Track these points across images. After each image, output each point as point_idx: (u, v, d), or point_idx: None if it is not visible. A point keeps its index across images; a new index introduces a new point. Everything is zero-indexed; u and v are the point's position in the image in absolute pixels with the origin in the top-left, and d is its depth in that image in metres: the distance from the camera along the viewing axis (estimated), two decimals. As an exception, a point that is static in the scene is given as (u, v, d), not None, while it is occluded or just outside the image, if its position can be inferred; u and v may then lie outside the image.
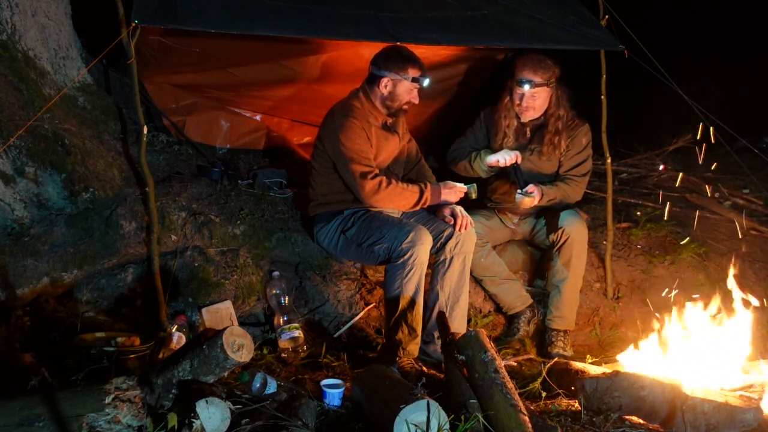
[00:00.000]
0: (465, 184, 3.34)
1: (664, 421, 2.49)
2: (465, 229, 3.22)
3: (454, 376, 2.47)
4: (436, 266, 3.23)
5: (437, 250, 3.21)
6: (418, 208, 3.29)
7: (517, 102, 3.51)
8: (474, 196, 3.36)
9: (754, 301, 2.96)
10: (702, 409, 2.43)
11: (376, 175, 3.16)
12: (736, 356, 2.85)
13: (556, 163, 3.60)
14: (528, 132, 3.60)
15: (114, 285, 3.15)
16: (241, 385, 2.53)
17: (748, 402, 2.47)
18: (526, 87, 3.44)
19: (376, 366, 2.73)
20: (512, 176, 3.49)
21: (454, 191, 3.30)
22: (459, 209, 3.26)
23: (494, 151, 3.56)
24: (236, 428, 2.22)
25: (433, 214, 3.35)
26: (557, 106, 3.53)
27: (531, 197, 3.42)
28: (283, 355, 3.12)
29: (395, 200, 3.22)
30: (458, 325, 3.18)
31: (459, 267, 3.20)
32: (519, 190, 3.43)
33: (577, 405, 2.62)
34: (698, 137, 3.72)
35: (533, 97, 3.48)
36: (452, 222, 3.24)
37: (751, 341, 2.88)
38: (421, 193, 3.24)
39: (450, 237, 3.20)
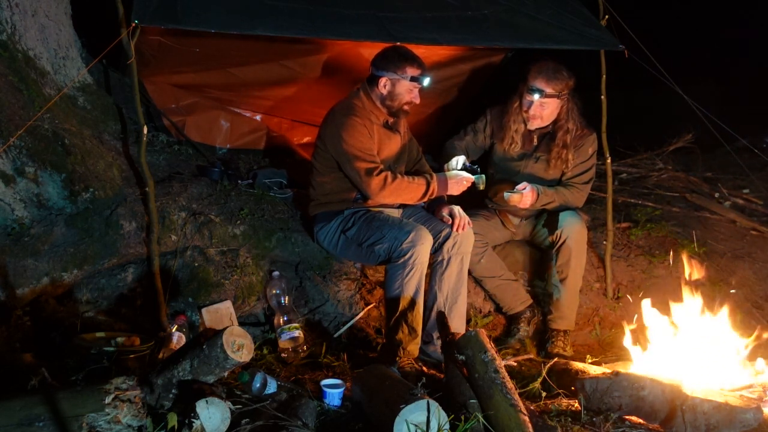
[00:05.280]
0: (473, 175, 3.30)
1: (664, 421, 2.49)
2: (462, 229, 3.21)
3: (454, 376, 2.47)
4: (434, 267, 3.21)
5: (435, 251, 3.19)
6: (426, 199, 3.28)
7: (525, 108, 3.49)
8: (482, 187, 3.32)
9: None
10: (702, 409, 2.43)
11: (381, 171, 3.16)
12: (736, 356, 2.85)
13: (559, 171, 3.59)
14: (535, 139, 3.59)
15: (114, 285, 3.15)
16: (241, 385, 2.53)
17: (748, 402, 2.47)
18: (536, 96, 3.41)
19: (376, 366, 2.73)
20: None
21: (460, 182, 3.29)
22: (457, 209, 3.26)
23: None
24: (236, 428, 2.22)
25: (432, 214, 3.35)
26: (567, 119, 3.50)
27: (518, 194, 3.41)
28: (283, 355, 3.12)
29: (402, 194, 3.22)
30: (457, 326, 3.17)
31: (457, 268, 3.20)
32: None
33: (577, 405, 2.62)
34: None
35: (542, 106, 3.45)
36: (450, 222, 3.23)
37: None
38: (428, 184, 3.23)
39: (447, 237, 3.19)
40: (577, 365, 2.91)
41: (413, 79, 3.19)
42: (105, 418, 1.99)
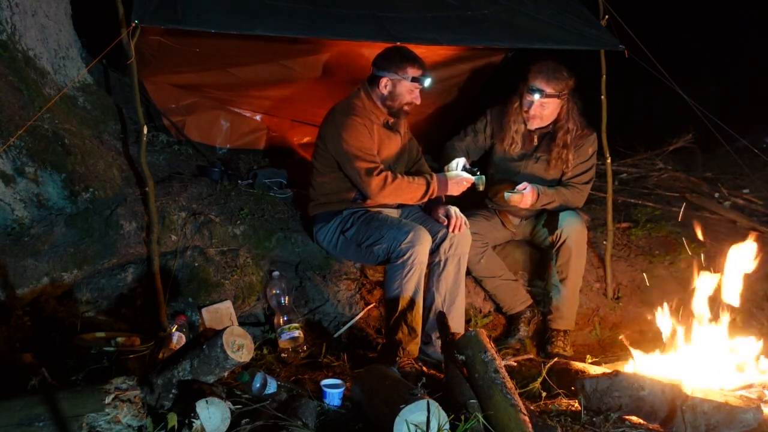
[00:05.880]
0: (473, 175, 3.30)
1: (664, 421, 2.49)
2: (459, 230, 3.20)
3: (454, 376, 2.47)
4: (431, 268, 3.20)
5: (432, 252, 3.16)
6: (425, 200, 3.27)
7: (525, 109, 3.49)
8: (482, 188, 3.32)
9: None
10: (702, 409, 2.43)
11: (381, 171, 3.15)
12: (736, 356, 2.85)
13: (560, 171, 3.59)
14: (535, 139, 3.58)
15: (114, 285, 3.15)
16: (241, 385, 2.53)
17: (748, 402, 2.47)
18: (536, 96, 3.40)
19: (376, 366, 2.73)
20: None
21: (460, 182, 3.29)
22: (453, 210, 3.25)
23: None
24: (236, 428, 2.22)
25: (428, 215, 3.35)
26: (567, 119, 3.49)
27: (519, 194, 3.41)
28: (283, 355, 3.12)
29: (402, 194, 3.21)
30: (456, 326, 3.16)
31: (454, 269, 3.19)
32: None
33: (577, 405, 2.62)
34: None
35: (542, 106, 3.44)
36: (446, 223, 3.23)
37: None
38: (428, 185, 3.22)
39: (444, 238, 3.19)
40: (577, 365, 2.91)
41: (414, 79, 3.19)
42: (105, 418, 1.99)
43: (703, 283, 2.99)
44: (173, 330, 2.94)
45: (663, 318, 3.04)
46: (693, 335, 2.93)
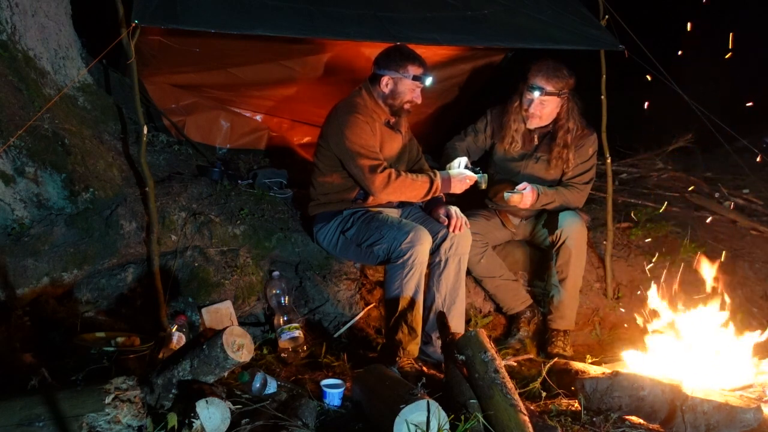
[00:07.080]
0: (475, 173, 3.30)
1: (664, 421, 2.49)
2: (459, 230, 3.20)
3: (454, 376, 2.47)
4: (431, 268, 3.20)
5: (432, 252, 3.17)
6: (429, 197, 3.27)
7: (525, 107, 3.49)
8: (484, 186, 3.31)
9: None
10: (702, 409, 2.43)
11: (385, 168, 3.15)
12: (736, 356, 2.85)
13: (560, 171, 3.59)
14: (535, 139, 3.58)
15: (114, 285, 3.15)
16: (241, 385, 2.53)
17: (748, 402, 2.47)
18: (536, 93, 3.40)
19: (376, 366, 2.73)
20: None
21: (463, 180, 3.28)
22: (454, 209, 3.25)
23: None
24: (236, 428, 2.22)
25: (429, 214, 3.35)
26: (567, 118, 3.49)
27: (519, 194, 3.41)
28: (283, 355, 3.12)
29: (406, 191, 3.21)
30: (456, 326, 3.16)
31: (454, 269, 3.19)
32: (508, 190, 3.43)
33: (577, 405, 2.62)
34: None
35: (542, 104, 3.44)
36: (446, 223, 3.23)
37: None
38: (431, 182, 3.22)
39: (444, 238, 3.19)
40: (577, 365, 2.91)
41: (415, 78, 3.19)
42: (105, 418, 1.99)
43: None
44: (173, 330, 2.94)
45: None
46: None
